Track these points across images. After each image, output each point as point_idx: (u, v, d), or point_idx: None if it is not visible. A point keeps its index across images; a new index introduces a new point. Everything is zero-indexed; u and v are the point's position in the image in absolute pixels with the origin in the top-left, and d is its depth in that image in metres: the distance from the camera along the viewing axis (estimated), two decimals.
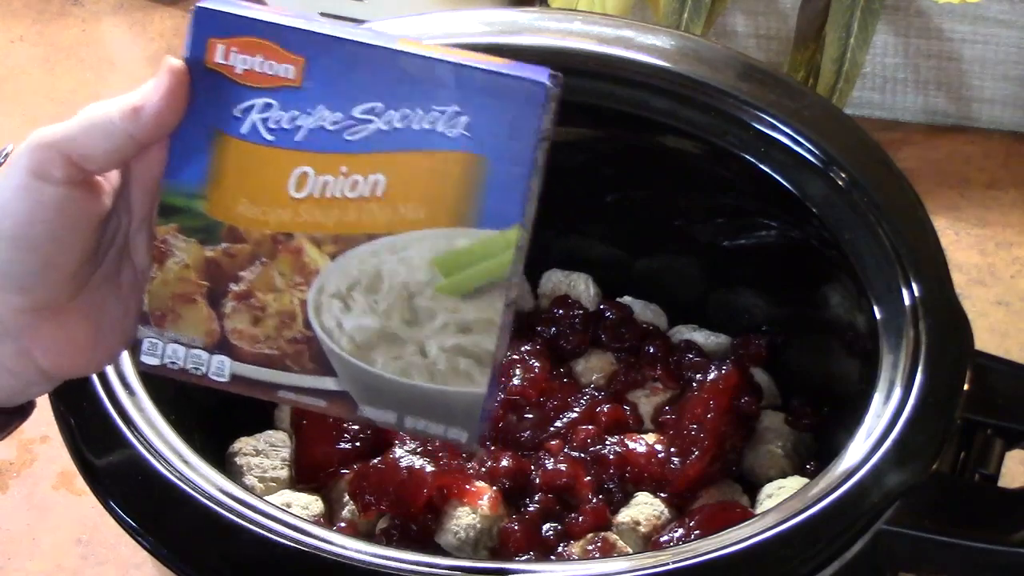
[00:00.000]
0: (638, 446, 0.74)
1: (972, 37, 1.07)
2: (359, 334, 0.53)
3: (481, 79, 0.51)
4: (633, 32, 0.79)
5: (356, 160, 0.52)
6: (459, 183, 0.52)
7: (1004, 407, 0.65)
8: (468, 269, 0.52)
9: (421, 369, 0.53)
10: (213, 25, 0.52)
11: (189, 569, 0.58)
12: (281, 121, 0.52)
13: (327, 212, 0.53)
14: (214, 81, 0.52)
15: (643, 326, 0.82)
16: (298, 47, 0.52)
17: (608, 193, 0.83)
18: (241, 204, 0.53)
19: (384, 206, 0.52)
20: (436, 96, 0.51)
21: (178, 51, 0.53)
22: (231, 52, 0.52)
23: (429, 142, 0.51)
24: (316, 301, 0.54)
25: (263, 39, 0.52)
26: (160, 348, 0.55)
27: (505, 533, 0.69)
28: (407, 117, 0.52)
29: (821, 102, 0.80)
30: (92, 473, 0.61)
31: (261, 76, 0.52)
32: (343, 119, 0.52)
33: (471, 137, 0.51)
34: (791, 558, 0.57)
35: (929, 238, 0.69)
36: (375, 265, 0.53)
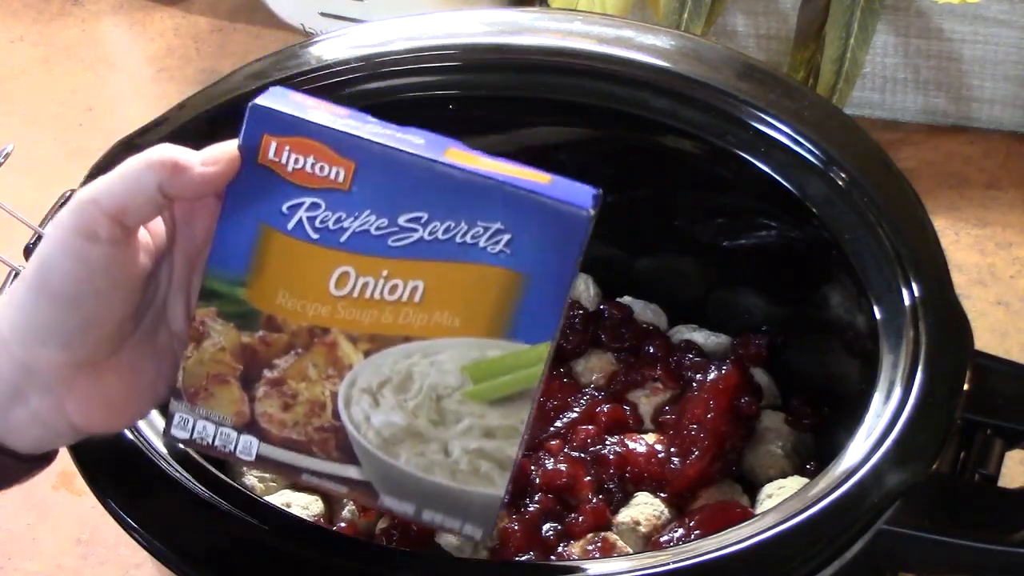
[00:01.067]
0: (638, 446, 0.74)
1: (972, 37, 1.07)
2: (386, 429, 0.55)
3: (527, 201, 0.53)
4: (633, 32, 0.79)
5: (397, 265, 0.53)
6: (496, 297, 0.53)
7: (1004, 407, 0.65)
8: (497, 378, 0.54)
9: (443, 468, 0.55)
10: (268, 123, 0.53)
11: (189, 569, 0.58)
12: (327, 221, 0.54)
13: (364, 311, 0.54)
14: (265, 175, 0.53)
15: (643, 326, 0.82)
16: (349, 152, 0.53)
17: (608, 193, 0.83)
18: (281, 295, 0.55)
19: (421, 311, 0.54)
20: (481, 212, 0.53)
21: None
22: (284, 151, 0.53)
23: (470, 255, 0.53)
24: (347, 394, 0.55)
25: (316, 141, 0.53)
26: (191, 424, 0.56)
27: (505, 533, 0.69)
28: (450, 230, 0.53)
29: (821, 102, 0.80)
30: (92, 473, 0.61)
31: (311, 177, 0.53)
32: (388, 225, 0.53)
33: (512, 255, 0.53)
34: (791, 558, 0.57)
35: (929, 238, 0.69)
36: (407, 366, 0.54)
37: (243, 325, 0.55)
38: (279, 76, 0.77)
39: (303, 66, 0.77)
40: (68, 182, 0.73)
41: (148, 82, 1.25)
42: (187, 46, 1.27)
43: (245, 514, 0.58)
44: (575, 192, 0.54)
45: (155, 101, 1.18)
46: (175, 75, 1.24)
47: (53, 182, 0.79)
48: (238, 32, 1.29)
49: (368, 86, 0.78)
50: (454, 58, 0.79)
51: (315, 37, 0.80)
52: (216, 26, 1.30)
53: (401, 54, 0.78)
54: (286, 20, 1.26)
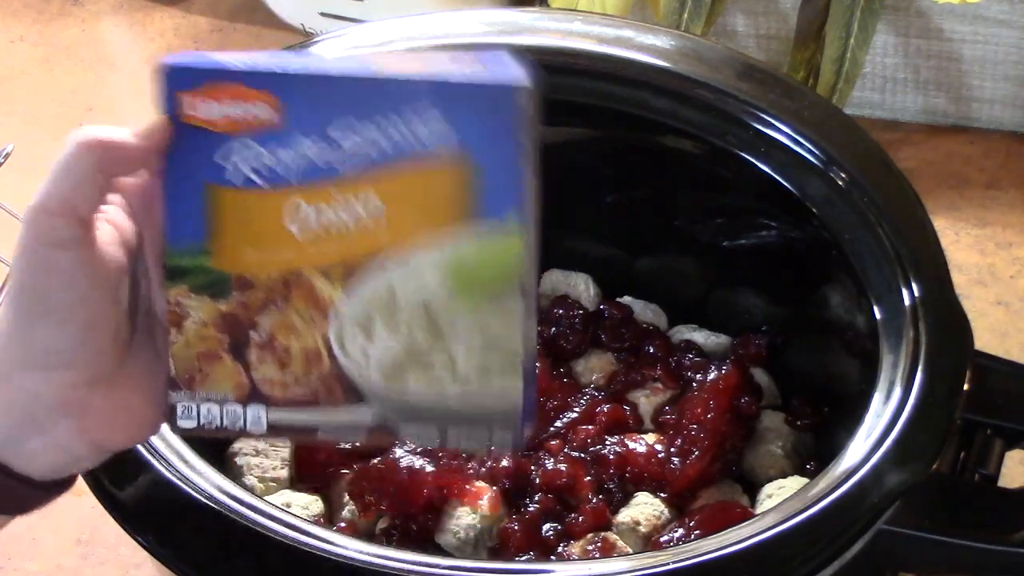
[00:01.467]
0: (638, 446, 0.74)
1: (972, 37, 1.07)
2: (386, 359, 0.53)
3: (456, 90, 0.51)
4: (633, 32, 0.79)
5: (347, 184, 0.52)
6: (452, 188, 0.52)
7: (1004, 407, 0.65)
8: (479, 271, 0.52)
9: (453, 379, 0.53)
10: (180, 80, 0.52)
11: (189, 569, 0.58)
12: (267, 161, 0.52)
13: (329, 242, 0.53)
14: (194, 134, 0.52)
15: (643, 326, 0.82)
16: (268, 85, 0.52)
17: (608, 193, 0.83)
18: (245, 252, 0.53)
19: (383, 223, 0.52)
20: (416, 111, 0.51)
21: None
22: (202, 102, 0.52)
23: (415, 154, 0.51)
24: (338, 334, 0.54)
25: (231, 84, 0.52)
26: (194, 410, 0.55)
27: (505, 533, 0.69)
28: (390, 136, 0.52)
29: (821, 102, 0.80)
30: (92, 473, 0.61)
31: (239, 122, 0.52)
32: (328, 148, 0.52)
33: (456, 143, 0.51)
34: (791, 558, 0.57)
35: (929, 238, 0.69)
36: (387, 284, 0.53)
37: (217, 293, 0.54)
38: None
39: None
40: None
41: (148, 82, 1.25)
42: (187, 46, 1.27)
43: (245, 514, 0.58)
44: (505, 69, 0.52)
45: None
46: None
47: None
48: (238, 32, 1.29)
49: None
50: None
51: (315, 37, 0.80)
52: (216, 26, 1.30)
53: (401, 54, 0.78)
54: (286, 20, 1.26)
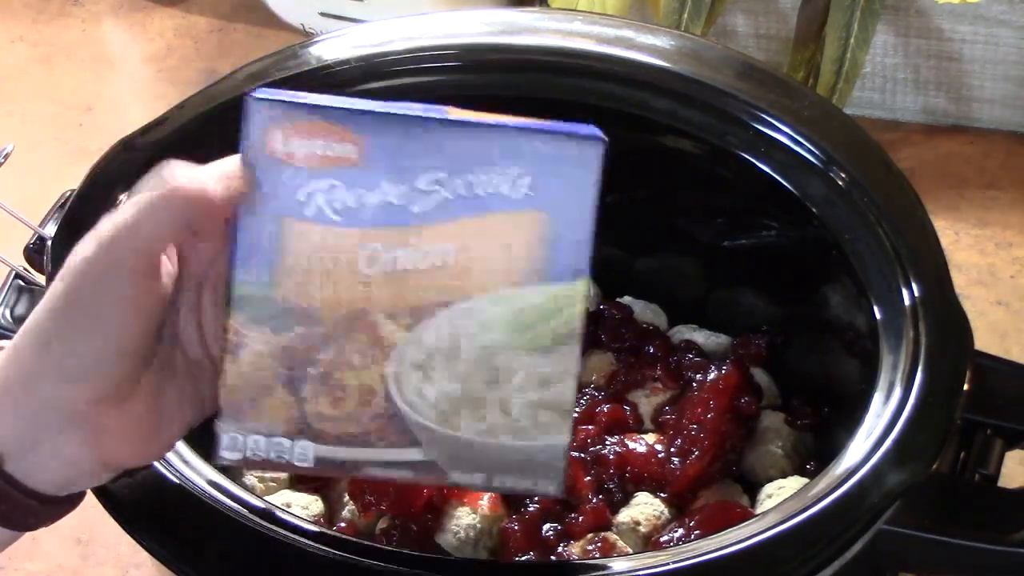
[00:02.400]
0: (638, 446, 0.74)
1: (972, 37, 1.07)
2: (442, 401, 0.54)
3: (539, 139, 0.53)
4: (633, 32, 0.79)
5: (424, 231, 0.52)
6: (527, 242, 0.53)
7: (1004, 407, 0.65)
8: (542, 324, 0.54)
9: (506, 428, 0.54)
10: (269, 113, 0.52)
11: (189, 569, 0.58)
12: (346, 200, 0.52)
13: (399, 285, 0.53)
14: (276, 168, 0.52)
15: (643, 326, 0.82)
16: (355, 126, 0.52)
17: (608, 193, 0.82)
18: (313, 287, 0.53)
19: (455, 273, 0.53)
20: (496, 160, 0.52)
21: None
22: (290, 139, 0.52)
23: (494, 205, 0.52)
24: (396, 374, 0.54)
25: (320, 121, 0.52)
26: (241, 442, 0.54)
27: (505, 533, 0.69)
28: (470, 183, 0.52)
29: (821, 102, 0.80)
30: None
31: (322, 158, 0.52)
32: (408, 192, 0.52)
33: (534, 196, 0.52)
34: (791, 558, 0.57)
35: (929, 238, 0.69)
36: (451, 331, 0.53)
37: (278, 326, 0.53)
38: (279, 76, 0.77)
39: (303, 66, 0.77)
40: (68, 182, 0.73)
41: (148, 82, 1.25)
42: (187, 46, 1.27)
43: (245, 514, 0.58)
44: (582, 127, 0.54)
45: (155, 101, 1.18)
46: (175, 75, 1.24)
47: (53, 182, 0.79)
48: (238, 32, 1.29)
49: (368, 86, 0.78)
50: (454, 58, 0.79)
51: (315, 37, 0.80)
52: (216, 26, 1.30)
53: (401, 54, 0.78)
54: (286, 20, 1.26)
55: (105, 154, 0.73)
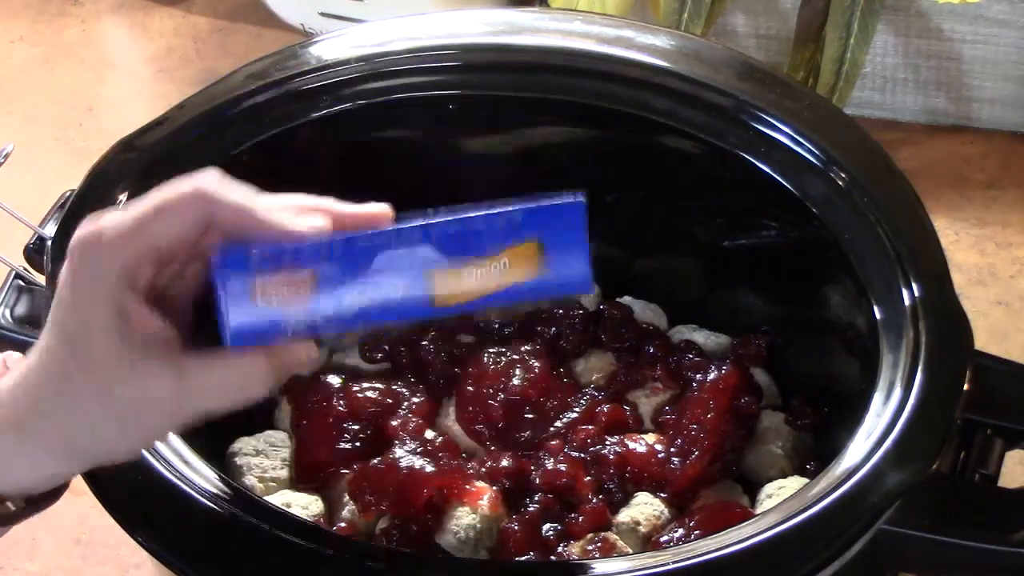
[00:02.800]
0: (638, 446, 0.74)
1: (972, 37, 1.07)
2: None
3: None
4: (633, 32, 0.79)
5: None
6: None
7: (1004, 407, 0.65)
8: None
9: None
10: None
11: (188, 569, 0.58)
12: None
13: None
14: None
15: (643, 326, 0.82)
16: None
17: (608, 193, 0.83)
18: None
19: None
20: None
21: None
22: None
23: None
24: None
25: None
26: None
27: (505, 533, 0.69)
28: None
29: (821, 102, 0.80)
30: (92, 473, 0.61)
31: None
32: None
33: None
34: (791, 558, 0.57)
35: (929, 238, 0.69)
36: None
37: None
38: (279, 76, 0.77)
39: (303, 66, 0.77)
40: (68, 182, 0.73)
41: (148, 82, 1.25)
42: (187, 46, 1.27)
43: (245, 514, 0.58)
44: (570, 264, 0.56)
45: (155, 101, 1.18)
46: (175, 75, 1.24)
47: (53, 182, 0.79)
48: (238, 32, 1.29)
49: (368, 86, 0.78)
50: (454, 58, 0.79)
51: (315, 37, 0.80)
52: (216, 26, 1.30)
53: (401, 54, 0.78)
54: (286, 20, 1.26)
55: (105, 154, 0.73)
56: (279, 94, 0.76)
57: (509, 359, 0.77)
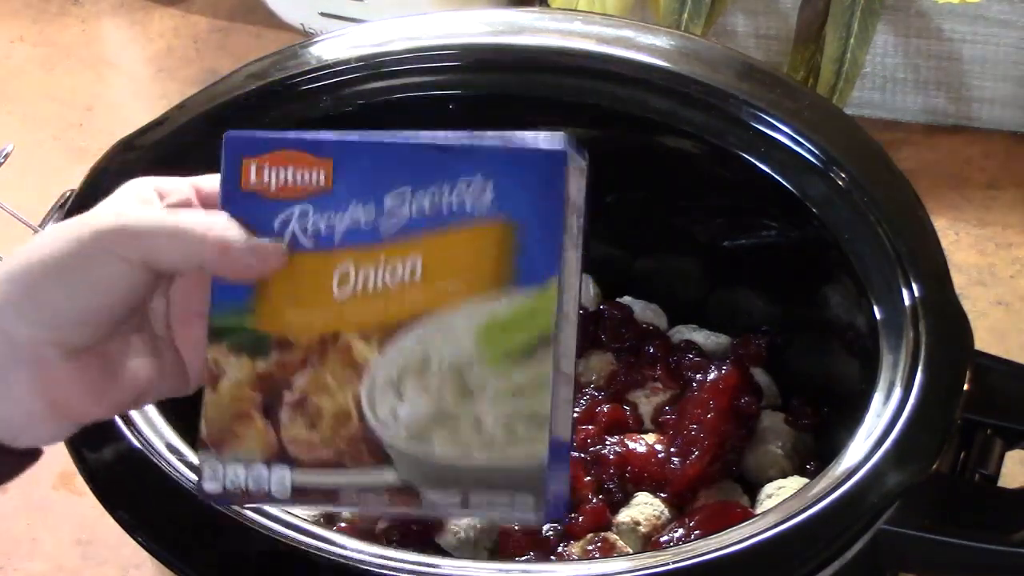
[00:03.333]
0: (638, 446, 0.74)
1: (972, 37, 1.07)
2: (414, 420, 0.53)
3: (502, 153, 0.52)
4: (633, 32, 0.79)
5: (393, 248, 0.52)
6: (493, 250, 0.52)
7: (1004, 407, 0.65)
8: (513, 333, 0.52)
9: (479, 445, 0.52)
10: (243, 147, 0.54)
11: (189, 569, 0.58)
12: (319, 225, 0.53)
13: (370, 304, 0.53)
14: (252, 200, 0.53)
15: (643, 326, 0.82)
16: (325, 151, 0.53)
17: (608, 193, 0.83)
18: (288, 313, 0.53)
19: (424, 287, 0.52)
20: (460, 172, 0.52)
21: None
22: (264, 170, 0.53)
23: (460, 216, 0.52)
24: (369, 394, 0.53)
25: (292, 150, 0.53)
26: (221, 472, 0.54)
27: (505, 533, 0.69)
28: (436, 197, 0.52)
29: (821, 102, 0.80)
30: (92, 473, 0.61)
31: (295, 188, 0.53)
32: (375, 212, 0.53)
33: (500, 205, 0.52)
34: (791, 558, 0.57)
35: (929, 238, 0.69)
36: (422, 347, 0.52)
37: (256, 353, 0.54)
38: (279, 76, 0.77)
39: (303, 66, 0.77)
40: (68, 182, 0.73)
41: (148, 82, 1.25)
42: (187, 46, 1.27)
43: (245, 515, 0.58)
44: (549, 140, 0.53)
45: (155, 101, 1.18)
46: (175, 75, 1.24)
47: (53, 182, 0.79)
48: (238, 32, 1.29)
49: (368, 86, 0.78)
50: (454, 58, 0.79)
51: (315, 37, 0.80)
52: (216, 26, 1.30)
53: (401, 54, 0.78)
54: (286, 20, 1.26)
55: (105, 154, 0.73)
56: (279, 94, 0.77)
57: None
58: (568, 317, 0.53)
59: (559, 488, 0.53)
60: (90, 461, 0.61)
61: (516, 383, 0.52)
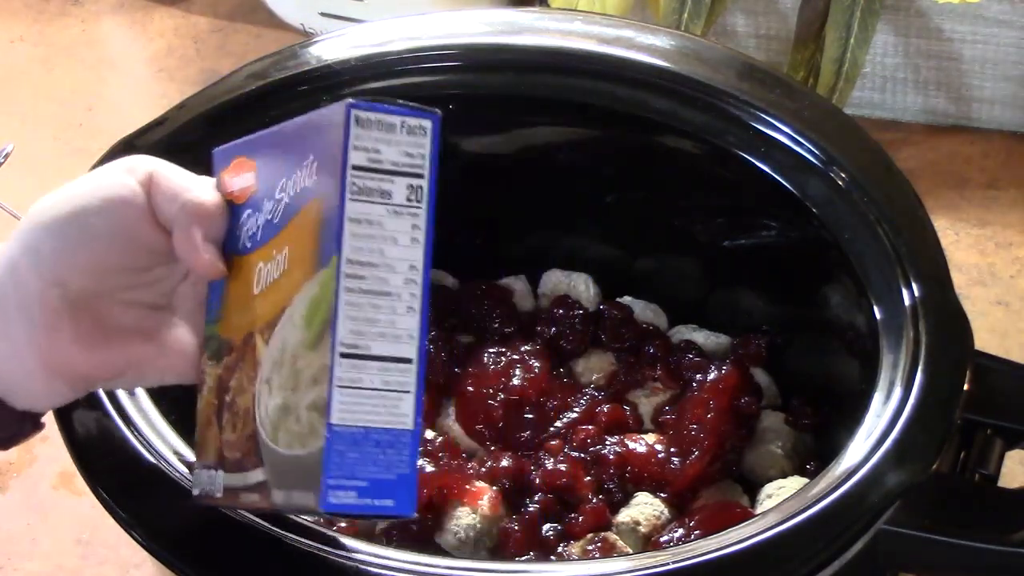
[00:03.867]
0: (638, 446, 0.74)
1: (972, 37, 1.07)
2: (272, 415, 0.52)
3: (316, 120, 0.51)
4: (633, 32, 0.79)
5: (278, 239, 0.53)
6: (311, 232, 0.50)
7: (1004, 407, 0.65)
8: (315, 316, 0.50)
9: (297, 436, 0.50)
10: (220, 160, 0.56)
11: (188, 569, 0.58)
12: (254, 227, 0.54)
13: (267, 300, 0.53)
14: (232, 210, 0.55)
15: (643, 326, 0.82)
16: (251, 152, 0.55)
17: (608, 193, 0.83)
18: (232, 316, 0.55)
19: (288, 276, 0.52)
20: (304, 156, 0.51)
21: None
22: (229, 177, 0.55)
23: (303, 198, 0.51)
24: (258, 392, 0.53)
25: (240, 156, 0.55)
26: (197, 476, 0.57)
27: (505, 533, 0.69)
28: (296, 181, 0.52)
29: (821, 102, 0.80)
30: (92, 473, 0.61)
31: (243, 191, 0.55)
32: (274, 204, 0.53)
33: (315, 182, 0.50)
34: (791, 558, 0.57)
35: (929, 238, 0.69)
36: (281, 338, 0.52)
37: (219, 358, 0.56)
38: (279, 76, 0.77)
39: (303, 66, 0.77)
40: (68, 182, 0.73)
41: (148, 82, 1.25)
42: (187, 46, 1.27)
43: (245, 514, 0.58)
44: (341, 105, 0.49)
45: (155, 101, 1.18)
46: (175, 75, 1.24)
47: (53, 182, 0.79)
48: (238, 32, 1.29)
49: (368, 86, 0.78)
50: (454, 58, 0.79)
51: (315, 37, 0.80)
52: (216, 26, 1.30)
53: (401, 54, 0.78)
54: (286, 20, 1.26)
55: (105, 154, 0.73)
56: (279, 94, 0.77)
57: (509, 359, 0.77)
58: (381, 291, 0.49)
59: (377, 474, 0.49)
60: (90, 461, 0.61)
61: (315, 369, 0.50)
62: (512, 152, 0.83)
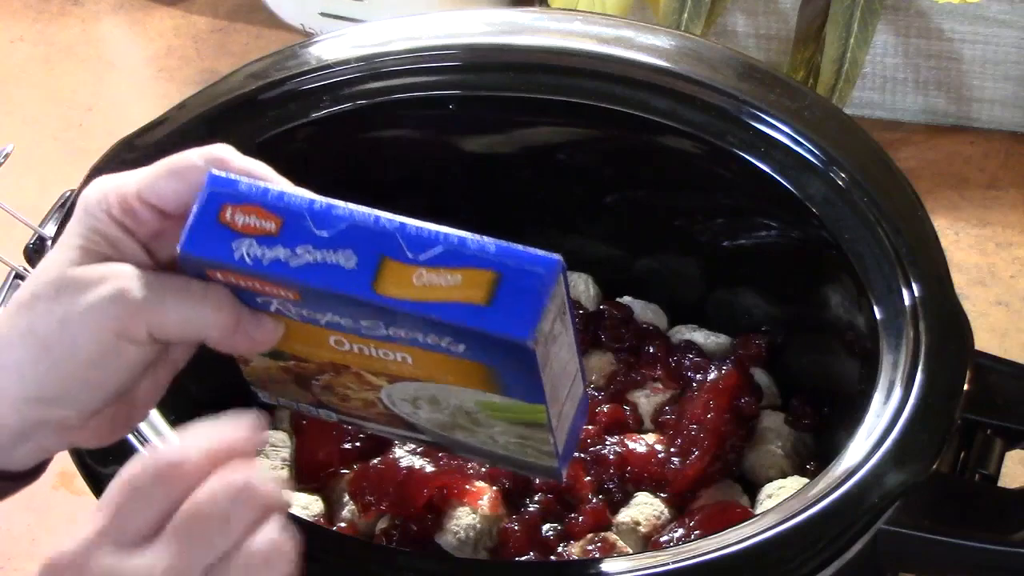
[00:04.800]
0: (638, 446, 0.74)
1: (972, 37, 1.07)
2: (435, 423, 0.58)
3: (465, 330, 0.51)
4: (633, 32, 0.79)
5: (379, 344, 0.54)
6: (478, 375, 0.53)
7: (1004, 407, 0.65)
8: (509, 413, 0.55)
9: (496, 447, 0.58)
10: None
11: None
12: (302, 311, 0.54)
13: (369, 361, 0.55)
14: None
15: (643, 326, 0.82)
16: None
17: (608, 193, 0.83)
18: (295, 344, 0.56)
19: (415, 369, 0.55)
20: (428, 332, 0.52)
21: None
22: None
23: (437, 350, 0.53)
24: (389, 400, 0.58)
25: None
26: (274, 399, 0.62)
27: (505, 533, 0.69)
28: (408, 333, 0.53)
29: (821, 102, 0.80)
30: (92, 473, 0.61)
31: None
32: (370, 324, 0.54)
33: (473, 355, 0.52)
34: (791, 558, 0.57)
35: (929, 238, 0.69)
36: (429, 392, 0.56)
37: (276, 359, 0.57)
38: (279, 76, 0.77)
39: (303, 66, 0.77)
40: (68, 182, 0.73)
41: (148, 82, 1.25)
42: (187, 46, 1.27)
43: None
44: (516, 311, 0.51)
45: (155, 101, 1.18)
46: (175, 75, 1.24)
47: (53, 182, 0.79)
48: (238, 32, 1.29)
49: (368, 86, 0.78)
50: (454, 58, 0.79)
51: (315, 37, 0.80)
52: (216, 26, 1.30)
53: (401, 54, 0.78)
54: (286, 20, 1.26)
55: (105, 154, 0.73)
56: (279, 94, 0.77)
57: None
58: (561, 398, 0.56)
59: (570, 450, 0.60)
60: (90, 462, 0.61)
61: (519, 433, 0.56)
62: (512, 152, 0.83)
